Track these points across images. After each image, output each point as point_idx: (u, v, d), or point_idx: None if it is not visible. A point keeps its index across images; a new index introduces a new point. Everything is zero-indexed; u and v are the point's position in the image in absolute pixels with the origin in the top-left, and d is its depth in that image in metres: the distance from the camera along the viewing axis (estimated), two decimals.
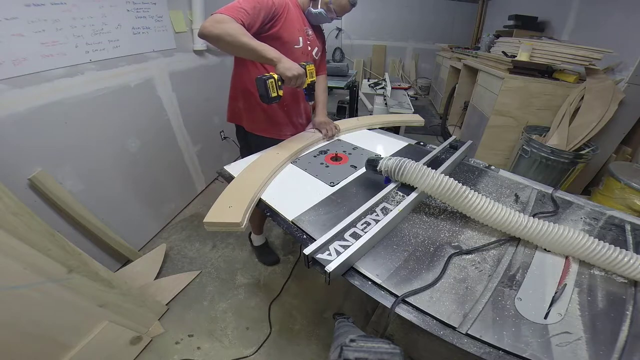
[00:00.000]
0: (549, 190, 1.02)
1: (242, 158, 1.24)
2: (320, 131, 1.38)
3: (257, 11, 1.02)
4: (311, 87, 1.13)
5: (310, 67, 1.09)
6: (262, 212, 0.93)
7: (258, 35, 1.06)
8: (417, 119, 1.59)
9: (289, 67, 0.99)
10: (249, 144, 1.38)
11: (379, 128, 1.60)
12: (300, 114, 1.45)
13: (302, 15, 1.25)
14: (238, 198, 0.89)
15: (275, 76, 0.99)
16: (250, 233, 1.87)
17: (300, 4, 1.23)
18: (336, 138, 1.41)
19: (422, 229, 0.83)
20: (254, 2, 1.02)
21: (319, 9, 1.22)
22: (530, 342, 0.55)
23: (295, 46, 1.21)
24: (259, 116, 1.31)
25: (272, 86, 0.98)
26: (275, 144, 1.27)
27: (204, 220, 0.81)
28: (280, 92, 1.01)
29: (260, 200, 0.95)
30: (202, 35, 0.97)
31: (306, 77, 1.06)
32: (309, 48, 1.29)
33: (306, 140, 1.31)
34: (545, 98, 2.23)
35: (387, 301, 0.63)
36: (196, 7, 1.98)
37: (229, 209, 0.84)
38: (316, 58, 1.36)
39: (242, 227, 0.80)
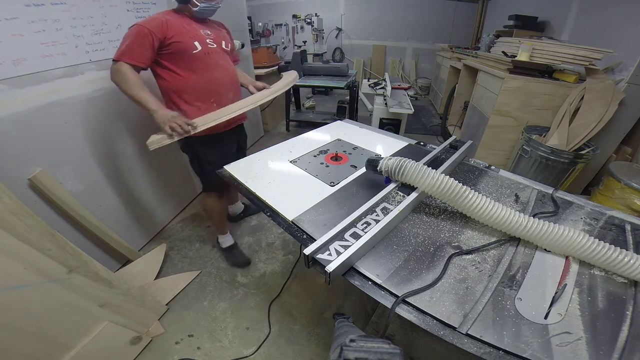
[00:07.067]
0: (549, 190, 1.02)
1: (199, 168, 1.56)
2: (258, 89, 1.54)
3: (143, 46, 1.15)
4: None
5: None
6: (262, 211, 0.93)
7: (159, 56, 1.21)
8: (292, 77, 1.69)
9: (163, 119, 1.19)
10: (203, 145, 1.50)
11: (379, 127, 1.60)
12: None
13: (191, 20, 1.28)
14: None
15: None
16: (217, 238, 1.85)
17: (180, 11, 1.28)
18: (338, 138, 1.41)
19: (423, 229, 0.83)
20: (136, 40, 1.14)
21: (201, 4, 1.23)
22: (530, 342, 0.55)
23: (194, 52, 1.25)
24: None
25: None
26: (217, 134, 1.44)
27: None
28: None
29: (260, 199, 0.95)
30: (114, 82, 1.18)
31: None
32: (214, 46, 1.33)
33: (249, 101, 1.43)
34: (545, 98, 2.23)
35: (387, 301, 0.63)
36: None
37: None
38: (227, 48, 1.41)
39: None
